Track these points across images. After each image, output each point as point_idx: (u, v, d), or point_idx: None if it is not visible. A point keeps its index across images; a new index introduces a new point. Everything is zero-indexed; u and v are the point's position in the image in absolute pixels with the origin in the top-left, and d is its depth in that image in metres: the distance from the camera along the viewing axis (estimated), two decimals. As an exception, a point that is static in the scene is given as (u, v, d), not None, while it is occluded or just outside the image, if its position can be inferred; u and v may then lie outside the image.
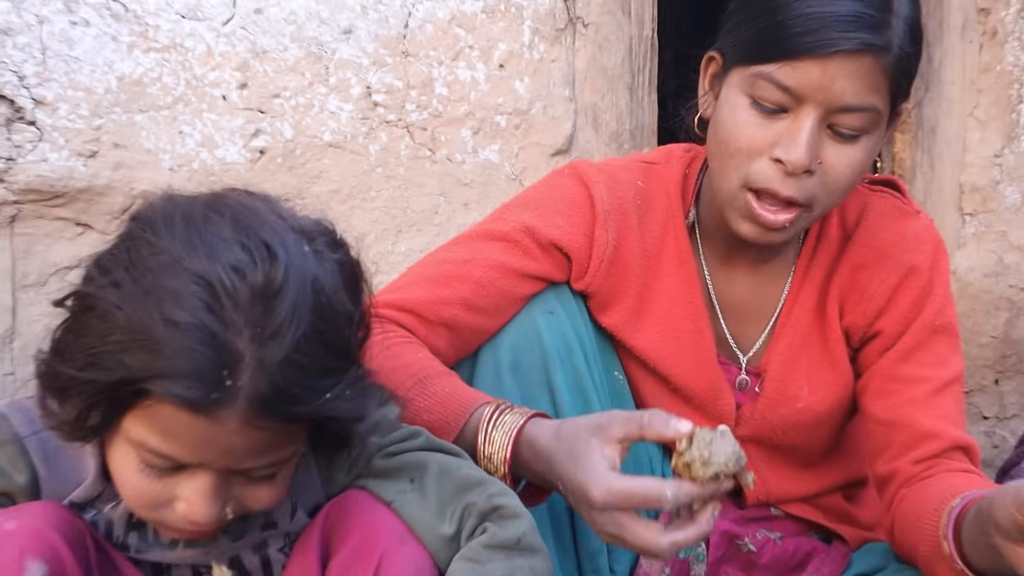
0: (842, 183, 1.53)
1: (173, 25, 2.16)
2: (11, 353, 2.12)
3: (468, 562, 1.28)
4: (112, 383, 1.11)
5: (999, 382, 2.91)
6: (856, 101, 1.47)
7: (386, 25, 2.30)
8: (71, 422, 1.17)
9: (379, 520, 1.32)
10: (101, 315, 1.12)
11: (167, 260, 1.11)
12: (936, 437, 1.58)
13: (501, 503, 1.32)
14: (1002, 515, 1.26)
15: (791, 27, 1.46)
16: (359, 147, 2.31)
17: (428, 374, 1.51)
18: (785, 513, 1.78)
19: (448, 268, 1.63)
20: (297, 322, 1.11)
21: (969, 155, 2.82)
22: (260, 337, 1.09)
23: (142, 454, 1.16)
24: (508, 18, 2.37)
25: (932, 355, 1.64)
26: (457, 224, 2.38)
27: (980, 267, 2.83)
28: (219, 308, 1.09)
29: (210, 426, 1.11)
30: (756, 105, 1.52)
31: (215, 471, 1.17)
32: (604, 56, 2.46)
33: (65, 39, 2.09)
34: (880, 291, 1.67)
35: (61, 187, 2.11)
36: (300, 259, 1.14)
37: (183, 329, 1.08)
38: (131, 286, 1.11)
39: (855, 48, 1.44)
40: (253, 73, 2.23)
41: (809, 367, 1.71)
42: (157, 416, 1.12)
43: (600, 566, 1.65)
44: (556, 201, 1.68)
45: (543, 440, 1.42)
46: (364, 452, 1.36)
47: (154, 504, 1.20)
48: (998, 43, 2.79)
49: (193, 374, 1.08)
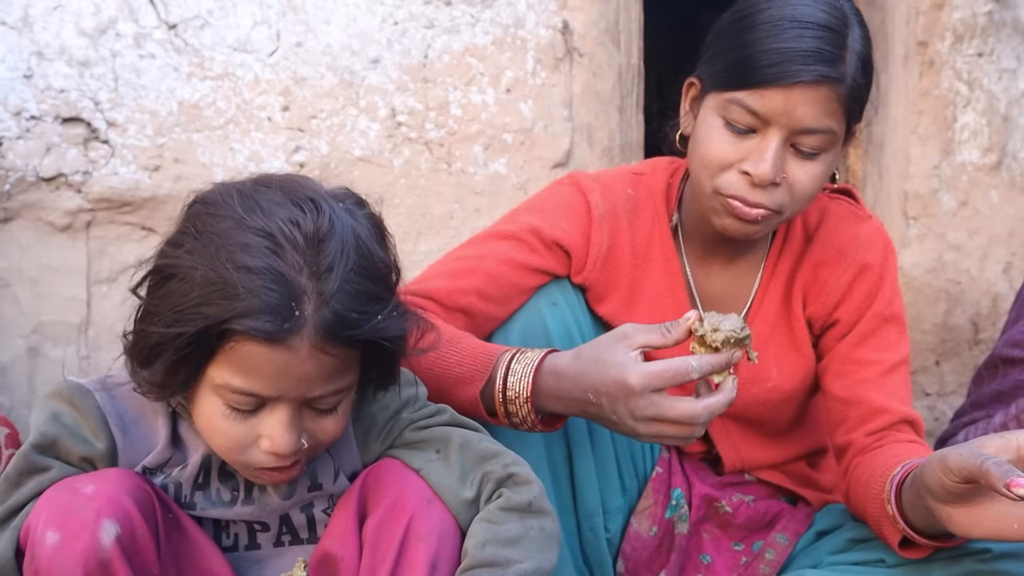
0: (805, 193, 1.53)
1: (226, 57, 2.17)
2: (86, 340, 2.14)
3: (486, 522, 1.28)
4: (197, 332, 1.12)
5: (939, 363, 2.91)
6: (815, 124, 1.47)
7: (408, 56, 2.31)
8: (161, 381, 1.18)
9: (409, 484, 1.31)
10: (181, 278, 1.14)
11: (230, 223, 1.15)
12: (886, 412, 1.58)
13: (515, 471, 1.32)
14: (931, 479, 1.28)
15: (759, 60, 1.46)
16: (385, 161, 2.32)
17: (456, 336, 1.50)
18: (757, 479, 1.77)
19: (464, 263, 1.62)
20: (345, 259, 1.15)
21: (912, 167, 2.81)
22: (317, 273, 1.14)
23: (227, 397, 1.17)
24: (514, 49, 2.38)
25: (882, 341, 1.64)
26: (470, 227, 2.38)
27: (922, 264, 2.83)
28: (282, 252, 1.13)
29: (285, 355, 1.14)
30: (729, 126, 1.51)
31: (291, 403, 1.18)
32: (597, 82, 2.46)
33: (134, 70, 2.10)
34: (838, 285, 1.66)
35: (129, 197, 2.12)
36: (339, 211, 1.19)
37: (255, 272, 1.12)
38: (203, 248, 1.14)
39: (813, 79, 1.44)
40: (294, 97, 2.23)
41: (777, 351, 1.70)
42: (238, 356, 1.14)
43: (596, 525, 1.64)
44: (558, 206, 1.66)
45: (566, 362, 1.41)
46: (397, 425, 1.37)
47: (241, 446, 1.21)
48: (935, 71, 2.78)
49: (268, 309, 1.11)
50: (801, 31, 1.45)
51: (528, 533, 1.28)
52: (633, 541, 1.68)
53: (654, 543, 1.69)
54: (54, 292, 2.11)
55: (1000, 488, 1.16)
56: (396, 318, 1.21)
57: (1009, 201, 2.89)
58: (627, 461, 1.68)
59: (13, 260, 2.08)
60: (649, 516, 1.70)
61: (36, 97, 2.05)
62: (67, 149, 2.08)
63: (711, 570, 1.70)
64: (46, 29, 2.05)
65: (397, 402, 1.37)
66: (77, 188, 2.09)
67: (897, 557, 1.48)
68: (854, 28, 1.50)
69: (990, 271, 2.90)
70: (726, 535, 1.73)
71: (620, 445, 1.67)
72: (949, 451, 1.26)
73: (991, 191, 2.88)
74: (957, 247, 2.86)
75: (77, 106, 2.08)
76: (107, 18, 2.09)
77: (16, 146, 2.04)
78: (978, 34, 2.80)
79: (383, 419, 1.37)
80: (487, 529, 1.27)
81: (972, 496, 1.27)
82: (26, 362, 2.10)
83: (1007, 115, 2.86)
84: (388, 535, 1.27)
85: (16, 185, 2.05)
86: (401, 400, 1.38)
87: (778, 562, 1.69)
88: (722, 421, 1.72)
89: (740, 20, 1.52)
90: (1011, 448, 1.22)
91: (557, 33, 2.41)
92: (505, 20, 2.37)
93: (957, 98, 2.82)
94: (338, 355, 1.18)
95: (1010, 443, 1.23)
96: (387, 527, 1.28)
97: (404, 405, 1.38)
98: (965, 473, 1.22)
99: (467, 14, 2.34)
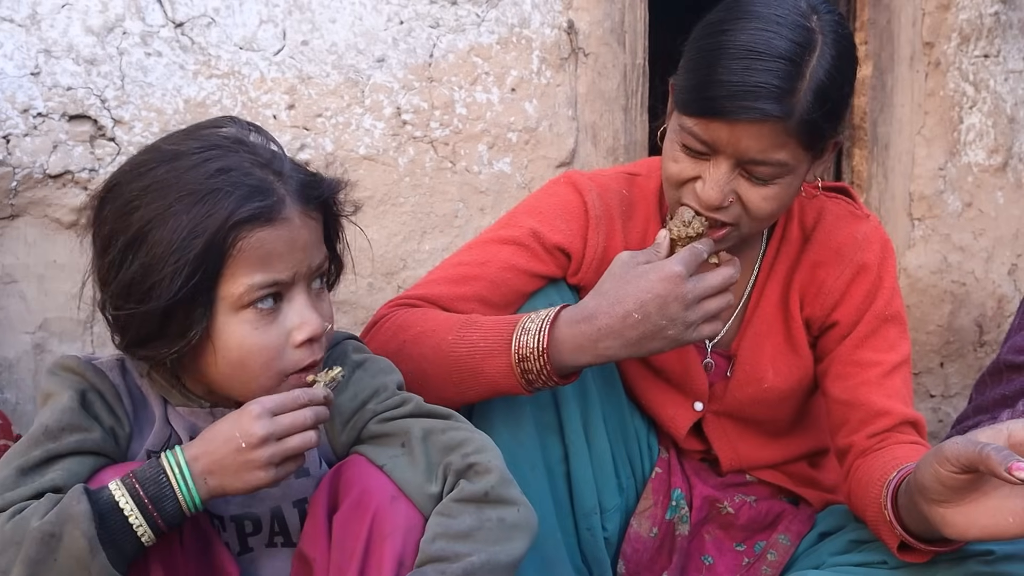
0: (762, 214, 1.49)
1: (232, 55, 2.18)
2: (92, 336, 2.15)
3: (440, 516, 1.25)
4: (204, 250, 1.17)
5: (944, 365, 2.91)
6: (761, 157, 1.43)
7: (414, 55, 2.31)
8: (180, 330, 1.20)
9: (373, 482, 1.29)
10: (160, 224, 1.18)
11: (172, 161, 1.23)
12: (887, 414, 1.57)
13: (474, 460, 1.29)
14: (926, 475, 1.27)
15: (707, 90, 1.41)
16: (390, 160, 2.32)
17: (469, 319, 1.49)
18: (758, 479, 1.76)
19: (466, 269, 1.61)
20: (275, 146, 1.30)
21: (917, 168, 2.81)
22: (265, 160, 1.25)
23: (252, 297, 1.22)
24: (519, 49, 2.38)
25: (883, 341, 1.62)
26: (474, 226, 2.38)
27: (927, 265, 2.82)
28: (231, 153, 1.24)
29: (286, 229, 1.23)
30: (684, 148, 1.48)
31: (303, 284, 1.27)
32: (602, 82, 2.46)
33: (141, 68, 2.11)
34: (836, 286, 1.64)
35: (135, 194, 2.13)
36: (237, 121, 1.32)
37: (225, 171, 1.21)
38: (163, 191, 1.21)
39: (755, 119, 1.39)
40: (299, 96, 2.24)
41: (773, 352, 1.69)
42: (249, 250, 1.20)
43: (594, 525, 1.63)
44: (556, 208, 1.65)
45: (584, 304, 1.45)
46: (362, 417, 1.36)
47: (278, 351, 1.25)
48: (941, 72, 2.79)
49: (255, 192, 1.21)
50: (751, 63, 1.39)
51: (484, 525, 1.24)
52: (634, 542, 1.68)
53: (655, 544, 1.69)
54: (60, 289, 2.11)
55: (1001, 472, 1.15)
56: (334, 180, 1.33)
57: (1015, 202, 2.89)
58: (623, 461, 1.68)
59: (20, 257, 2.09)
60: (649, 517, 1.69)
61: (43, 95, 2.06)
62: (74, 146, 2.09)
63: (713, 571, 1.69)
64: (54, 27, 2.06)
65: (366, 391, 1.37)
66: (84, 185, 2.09)
67: (899, 559, 1.48)
68: (820, 53, 1.41)
69: (995, 273, 2.89)
70: (728, 536, 1.73)
71: (617, 444, 1.66)
72: (945, 443, 1.25)
73: (997, 192, 2.87)
74: (962, 248, 2.86)
75: (84, 104, 2.08)
76: (114, 16, 2.09)
77: (23, 143, 2.05)
78: (984, 35, 2.80)
79: (349, 410, 1.36)
80: (439, 523, 1.25)
81: (965, 494, 1.27)
82: (32, 358, 2.11)
83: (1013, 116, 2.85)
84: (353, 534, 1.26)
85: (23, 182, 2.06)
86: (371, 389, 1.37)
87: (780, 563, 1.68)
88: (719, 421, 1.72)
89: (703, 38, 1.47)
90: (1002, 436, 1.22)
91: (562, 33, 2.41)
92: (510, 20, 2.37)
93: (963, 99, 2.82)
94: (317, 220, 1.29)
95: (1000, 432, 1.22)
96: (351, 526, 1.27)
97: (372, 396, 1.37)
98: (964, 461, 1.21)
99: (472, 13, 2.34)
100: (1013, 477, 1.14)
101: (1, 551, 1.13)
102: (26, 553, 1.11)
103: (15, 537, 1.12)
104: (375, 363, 1.41)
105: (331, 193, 1.32)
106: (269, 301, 1.24)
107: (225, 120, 1.32)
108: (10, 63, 2.04)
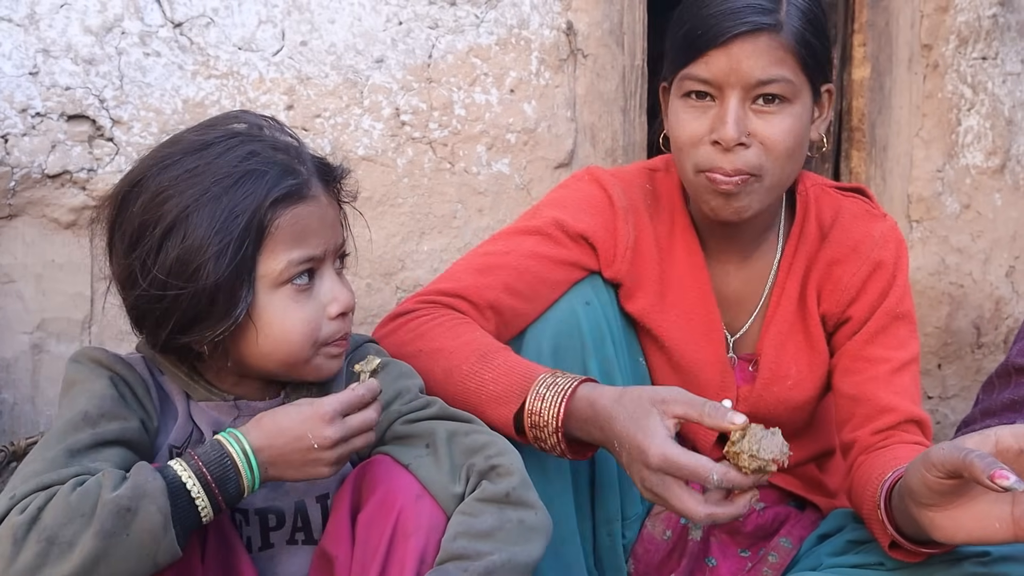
0: (779, 149, 1.52)
1: (231, 56, 2.17)
2: (90, 336, 2.13)
3: (462, 515, 1.28)
4: (245, 227, 1.22)
5: (941, 367, 2.91)
6: (764, 75, 1.48)
7: (413, 56, 2.31)
8: (225, 309, 1.24)
9: (398, 480, 1.32)
10: (197, 209, 1.23)
11: (200, 151, 1.27)
12: (893, 411, 1.59)
13: (497, 462, 1.31)
14: (914, 479, 1.28)
15: (695, 31, 1.51)
16: (388, 160, 2.31)
17: (488, 350, 1.49)
18: (769, 483, 1.75)
19: (490, 259, 1.63)
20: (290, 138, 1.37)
21: (915, 170, 2.81)
22: (287, 146, 1.33)
23: (290, 272, 1.27)
24: (518, 50, 2.38)
25: (893, 339, 1.64)
26: (473, 227, 2.38)
27: (925, 267, 2.82)
28: (255, 139, 1.30)
29: (316, 206, 1.31)
30: (688, 103, 1.54)
31: (330, 261, 1.34)
32: (601, 83, 2.46)
33: (139, 68, 2.10)
34: (852, 282, 1.66)
35: (133, 194, 2.13)
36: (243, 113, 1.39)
37: (257, 154, 1.27)
38: (197, 179, 1.26)
39: (748, 30, 1.47)
40: (298, 96, 2.23)
41: (795, 350, 1.70)
42: (287, 227, 1.26)
43: (614, 531, 1.64)
44: (580, 200, 1.68)
45: (604, 401, 1.40)
46: (387, 417, 1.37)
47: (317, 324, 1.31)
48: (939, 74, 2.79)
49: (286, 172, 1.28)
50: None
51: (504, 525, 1.26)
52: (646, 543, 1.69)
53: (667, 547, 1.69)
54: (58, 289, 2.10)
55: (984, 480, 1.16)
56: (342, 166, 1.41)
57: (1012, 204, 2.90)
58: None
59: (18, 257, 2.08)
60: (664, 520, 1.70)
61: (42, 94, 2.05)
62: (72, 146, 2.08)
63: (715, 573, 1.70)
64: (52, 27, 2.05)
65: (389, 393, 1.38)
66: (82, 185, 2.09)
67: (896, 560, 1.48)
68: None
69: (993, 275, 2.90)
70: (733, 541, 1.73)
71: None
72: (931, 449, 1.26)
73: (995, 194, 2.88)
74: (960, 250, 2.86)
75: (82, 104, 2.08)
76: (113, 16, 2.09)
77: (21, 143, 2.05)
78: (983, 37, 2.80)
79: None
80: (461, 522, 1.27)
81: (953, 498, 1.27)
82: (30, 358, 2.10)
83: (1011, 118, 2.86)
84: (377, 532, 1.27)
85: (21, 182, 2.05)
86: (394, 391, 1.39)
87: (781, 565, 1.69)
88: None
89: (680, 10, 1.57)
90: (989, 443, 1.23)
91: (561, 34, 2.41)
92: (509, 21, 2.37)
93: (961, 101, 2.82)
94: (336, 200, 1.38)
95: (988, 438, 1.23)
96: (376, 524, 1.28)
97: (395, 397, 1.39)
98: (949, 467, 1.22)
99: (471, 14, 2.34)
100: (995, 485, 1.15)
101: (67, 522, 1.10)
102: (101, 525, 1.10)
103: (81, 508, 1.11)
104: (397, 366, 1.43)
105: (342, 177, 1.39)
106: (304, 277, 1.29)
107: (239, 113, 1.37)
108: (8, 63, 2.03)
